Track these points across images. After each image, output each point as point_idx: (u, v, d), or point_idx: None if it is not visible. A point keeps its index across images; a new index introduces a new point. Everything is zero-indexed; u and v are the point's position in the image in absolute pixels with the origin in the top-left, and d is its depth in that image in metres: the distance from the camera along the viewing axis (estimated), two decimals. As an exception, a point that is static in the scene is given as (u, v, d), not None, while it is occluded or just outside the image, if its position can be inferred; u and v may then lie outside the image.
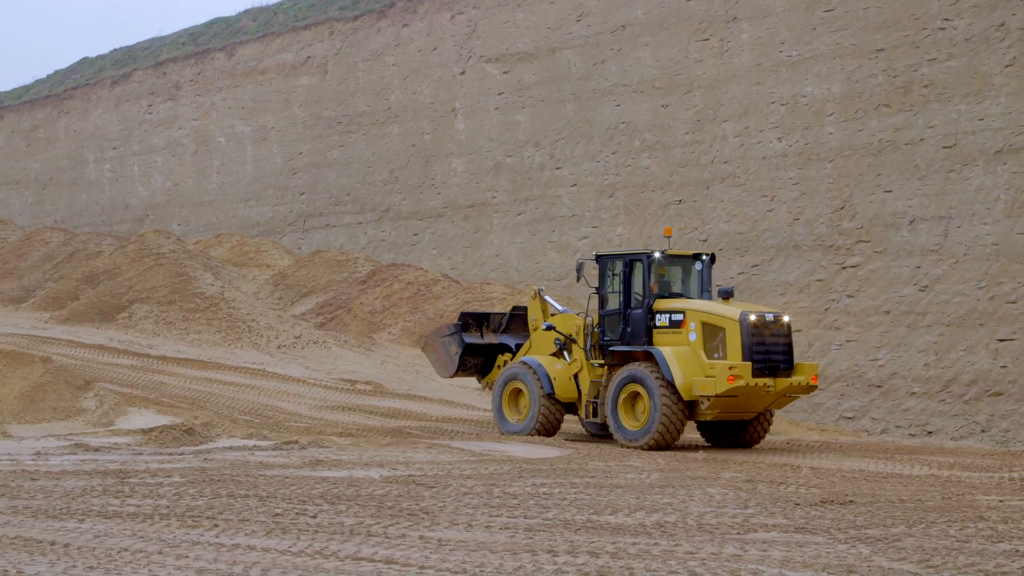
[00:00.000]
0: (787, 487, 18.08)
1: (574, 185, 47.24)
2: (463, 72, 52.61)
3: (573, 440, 25.04)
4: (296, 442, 22.80)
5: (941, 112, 37.16)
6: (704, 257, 24.37)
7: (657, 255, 23.92)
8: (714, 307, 23.13)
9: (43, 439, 22.51)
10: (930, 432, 32.61)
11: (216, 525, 13.80)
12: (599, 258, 24.89)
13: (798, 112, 40.67)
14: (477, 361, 27.09)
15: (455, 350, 26.84)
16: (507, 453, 22.66)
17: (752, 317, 22.48)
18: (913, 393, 34.13)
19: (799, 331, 37.82)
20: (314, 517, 14.45)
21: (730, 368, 22.05)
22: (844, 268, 37.96)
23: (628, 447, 23.01)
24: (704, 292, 24.10)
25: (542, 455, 22.34)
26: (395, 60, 55.73)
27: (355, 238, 54.75)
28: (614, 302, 24.14)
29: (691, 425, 24.32)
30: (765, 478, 19.12)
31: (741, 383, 22.07)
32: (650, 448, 22.65)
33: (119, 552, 12.27)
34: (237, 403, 29.48)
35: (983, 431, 31.86)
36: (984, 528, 14.55)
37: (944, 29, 37.59)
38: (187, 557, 12.09)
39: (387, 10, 56.90)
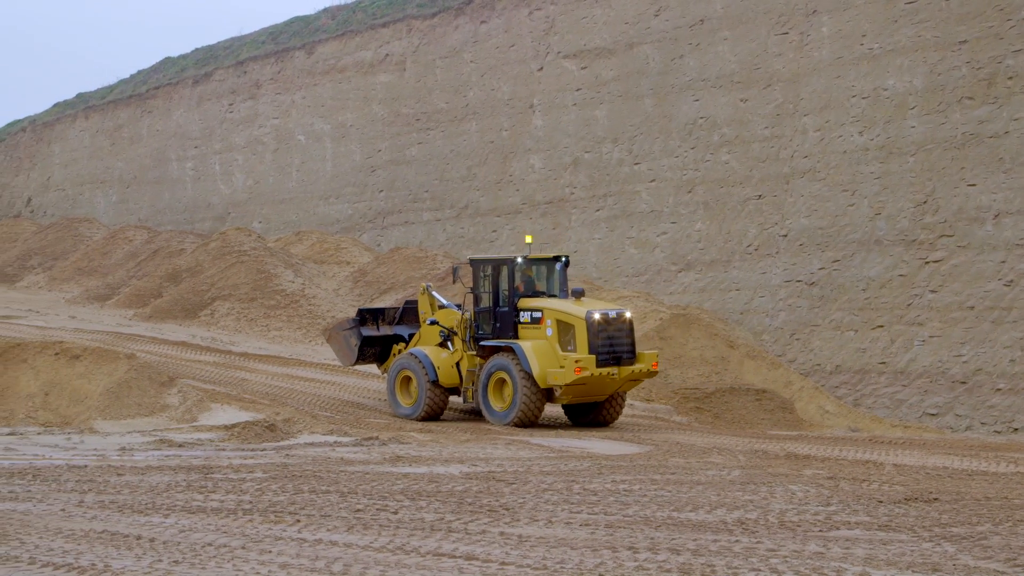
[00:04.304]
0: (870, 484, 17.90)
1: (652, 181, 47.08)
2: (541, 68, 52.60)
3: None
4: (376, 438, 22.94)
5: (1026, 104, 36.60)
6: (562, 259, 27.57)
7: (519, 260, 27.05)
8: (566, 306, 26.25)
9: (128, 435, 22.82)
10: (1016, 429, 32.14)
11: (298, 520, 13.91)
12: (472, 262, 28.03)
13: (879, 105, 40.23)
14: (375, 351, 29.85)
15: (355, 342, 29.56)
16: (586, 449, 22.66)
17: (596, 316, 25.67)
18: (998, 389, 33.66)
19: (881, 327, 37.49)
20: (395, 513, 14.52)
21: (577, 361, 25.24)
22: (927, 263, 37.52)
23: (496, 425, 26.07)
24: (561, 291, 27.37)
25: (622, 451, 22.32)
26: (473, 57, 55.84)
27: (434, 235, 54.92)
28: (486, 301, 27.19)
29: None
30: (847, 475, 18.95)
31: (586, 373, 25.36)
32: (515, 425, 25.80)
33: (203, 547, 12.41)
34: (318, 399, 29.69)
35: (1070, 428, 31.37)
36: (1072, 527, 14.32)
37: (1029, 20, 37.01)
38: (270, 552, 12.20)
39: (465, 7, 57.02)
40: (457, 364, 27.55)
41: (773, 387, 31.76)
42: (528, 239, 28.56)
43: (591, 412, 27.07)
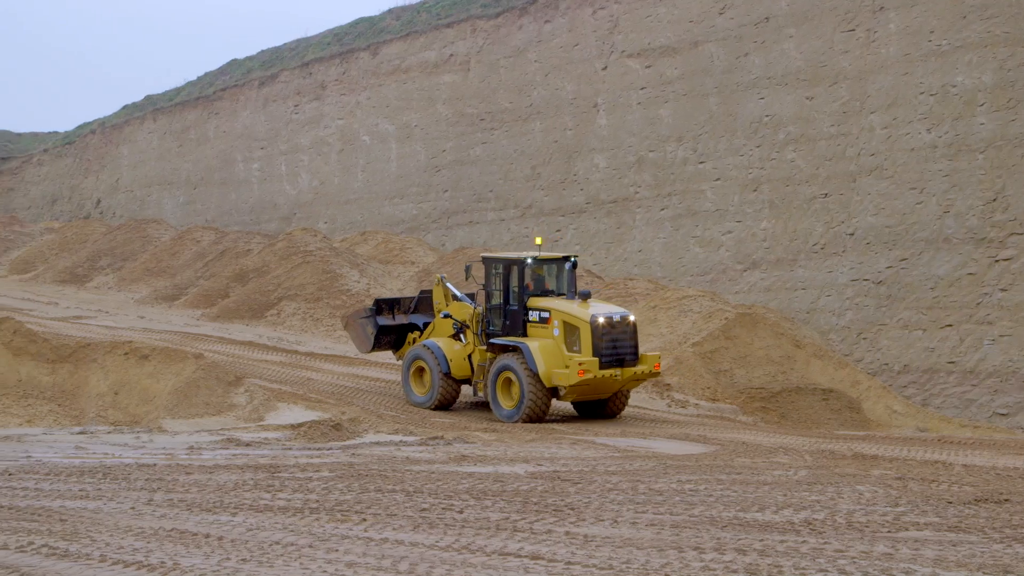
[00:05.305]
0: (939, 485, 17.72)
1: (717, 179, 46.87)
2: (605, 67, 52.51)
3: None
4: (441, 438, 23.01)
5: (1098, 100, 36.10)
6: (571, 259, 28.23)
7: (529, 260, 27.83)
8: (573, 308, 26.99)
9: (196, 434, 23.03)
10: (1088, 429, 31.70)
11: (364, 519, 13.97)
12: (484, 260, 28.87)
13: (948, 102, 39.82)
14: (390, 339, 31.06)
15: (371, 330, 30.80)
16: (651, 449, 22.60)
17: (601, 319, 26.55)
18: (1070, 389, 33.22)
19: (950, 326, 37.11)
20: (460, 512, 14.55)
21: (580, 364, 26.09)
22: (997, 261, 37.09)
23: (504, 423, 26.78)
24: (569, 291, 27.95)
25: (687, 451, 22.24)
26: (537, 56, 55.83)
27: (498, 234, 54.97)
28: (497, 298, 28.08)
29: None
30: (916, 475, 18.77)
31: (589, 376, 26.15)
32: (523, 422, 26.58)
33: (271, 545, 12.50)
34: (383, 399, 29.83)
35: None
36: None
37: (1101, 14, 36.50)
38: (337, 551, 12.26)
39: (529, 7, 57.02)
40: (469, 357, 28.55)
41: (840, 387, 31.52)
42: (538, 240, 29.58)
43: (598, 407, 28.01)
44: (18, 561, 11.69)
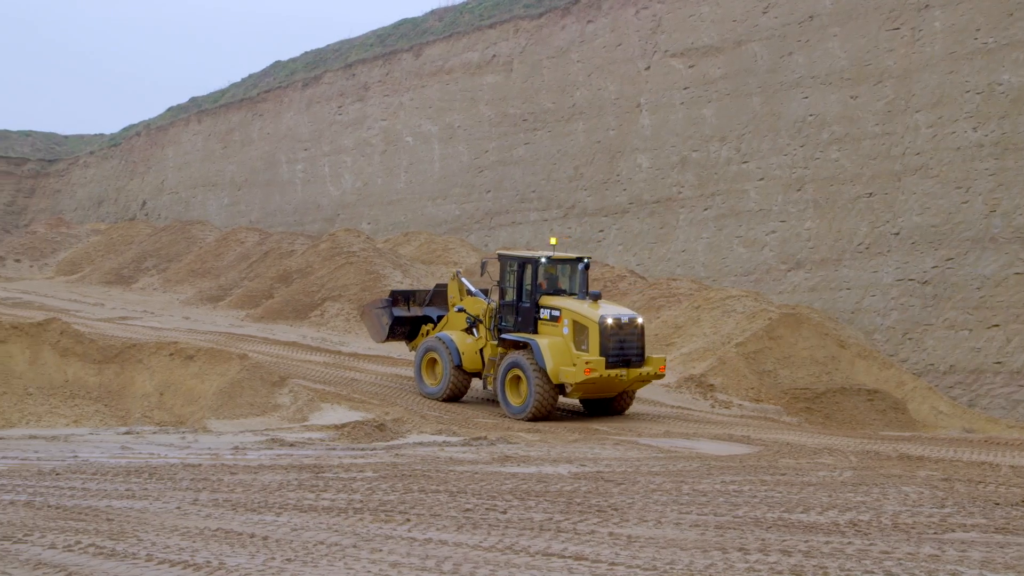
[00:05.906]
0: (986, 486, 17.58)
1: (761, 179, 46.68)
2: (648, 67, 52.41)
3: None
4: (485, 438, 23.02)
5: None
6: (584, 260, 28.73)
7: (543, 259, 28.36)
8: (583, 308, 27.47)
9: (241, 434, 23.13)
10: None
11: (408, 520, 13.99)
12: (500, 257, 29.48)
13: (994, 101, 39.51)
14: (405, 329, 31.72)
15: (386, 321, 31.51)
16: (695, 449, 22.54)
17: (609, 320, 26.99)
18: (1119, 390, 32.90)
19: (996, 326, 36.82)
20: (504, 512, 14.55)
21: (587, 363, 26.60)
22: (1044, 261, 36.78)
23: (512, 419, 27.26)
24: (581, 291, 28.48)
25: (731, 452, 22.16)
26: (580, 57, 55.79)
27: (541, 235, 54.97)
28: (510, 295, 28.56)
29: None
30: (963, 476, 18.63)
31: (595, 375, 26.62)
32: (530, 420, 27.03)
33: (315, 545, 12.54)
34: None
35: None
36: None
37: None
38: (381, 551, 12.29)
39: (571, 7, 57.00)
40: (480, 351, 29.09)
41: (885, 387, 31.34)
42: (553, 240, 29.95)
43: (605, 404, 28.52)
44: (65, 560, 11.79)
